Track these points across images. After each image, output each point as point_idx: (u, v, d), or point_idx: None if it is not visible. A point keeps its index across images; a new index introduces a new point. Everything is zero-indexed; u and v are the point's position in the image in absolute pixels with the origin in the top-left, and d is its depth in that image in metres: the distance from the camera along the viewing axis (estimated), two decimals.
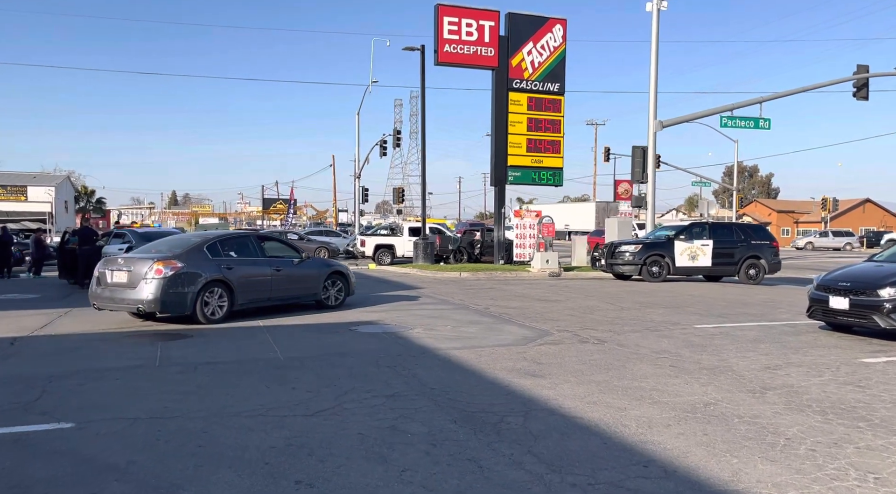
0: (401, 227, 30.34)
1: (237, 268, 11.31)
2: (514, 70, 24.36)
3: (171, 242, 12.16)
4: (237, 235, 12.89)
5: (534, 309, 12.72)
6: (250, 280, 11.49)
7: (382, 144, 42.44)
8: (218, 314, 10.93)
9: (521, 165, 24.53)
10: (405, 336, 9.67)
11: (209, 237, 11.78)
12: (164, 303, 10.35)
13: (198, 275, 10.69)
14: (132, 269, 10.59)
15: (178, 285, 10.46)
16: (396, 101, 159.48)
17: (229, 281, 11.08)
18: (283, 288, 12.14)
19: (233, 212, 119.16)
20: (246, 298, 11.42)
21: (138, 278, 10.42)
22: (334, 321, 11.26)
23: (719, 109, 24.04)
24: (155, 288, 10.28)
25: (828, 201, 56.78)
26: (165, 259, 10.61)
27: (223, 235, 12.41)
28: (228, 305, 11.11)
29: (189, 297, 10.55)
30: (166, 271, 10.40)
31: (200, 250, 11.12)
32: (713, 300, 14.29)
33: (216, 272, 10.95)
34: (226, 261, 11.25)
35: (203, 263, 10.94)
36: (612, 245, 19.60)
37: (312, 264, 13.03)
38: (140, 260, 10.77)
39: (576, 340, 9.30)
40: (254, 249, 12.02)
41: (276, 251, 12.72)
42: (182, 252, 10.95)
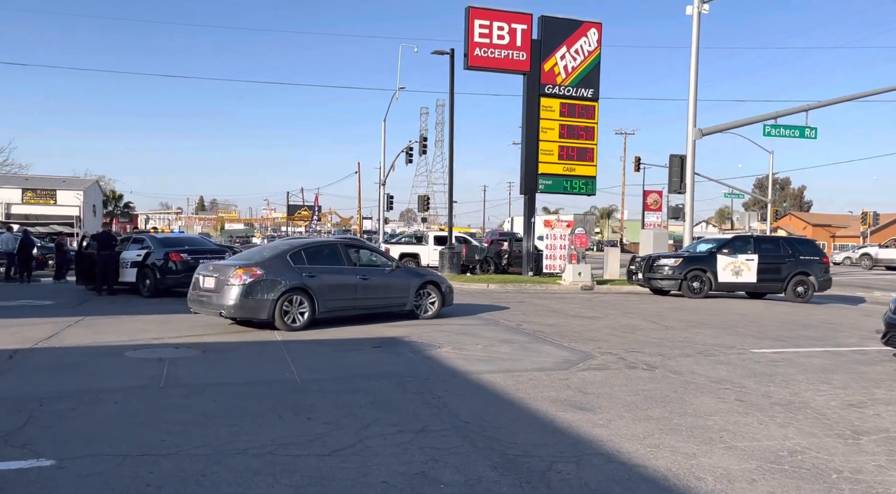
0: (426, 235, 29.63)
1: (320, 276, 11.24)
2: (547, 75, 23.52)
3: (260, 249, 12.67)
4: (324, 243, 13.03)
5: (570, 327, 11.83)
6: (333, 289, 11.38)
7: (408, 152, 41.82)
8: (299, 321, 10.90)
9: (552, 174, 23.63)
10: (433, 356, 8.86)
11: (295, 245, 11.93)
12: (242, 309, 10.59)
13: (277, 282, 10.75)
14: (219, 275, 10.91)
15: (257, 292, 10.60)
16: (422, 109, 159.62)
17: (310, 289, 11.01)
18: (370, 297, 11.98)
19: (258, 218, 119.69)
20: (328, 306, 11.29)
21: (222, 283, 10.71)
22: (357, 336, 10.50)
23: (762, 117, 22.93)
24: (235, 294, 10.51)
25: (868, 214, 54.78)
26: (246, 266, 10.84)
27: (309, 243, 12.58)
28: (310, 313, 11.01)
29: (268, 304, 10.64)
30: (246, 278, 10.58)
31: (283, 257, 11.25)
32: (765, 320, 13.25)
33: (296, 280, 10.93)
34: (308, 269, 11.23)
35: (284, 270, 10.99)
36: (650, 258, 18.60)
37: (404, 273, 12.81)
38: (226, 267, 11.10)
39: (622, 365, 8.40)
40: (340, 257, 11.96)
41: (366, 260, 12.66)
42: (264, 260, 11.18)
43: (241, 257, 12.21)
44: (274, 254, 11.45)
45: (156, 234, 19.28)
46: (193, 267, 16.20)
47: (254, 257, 11.61)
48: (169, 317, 12.32)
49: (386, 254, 14.07)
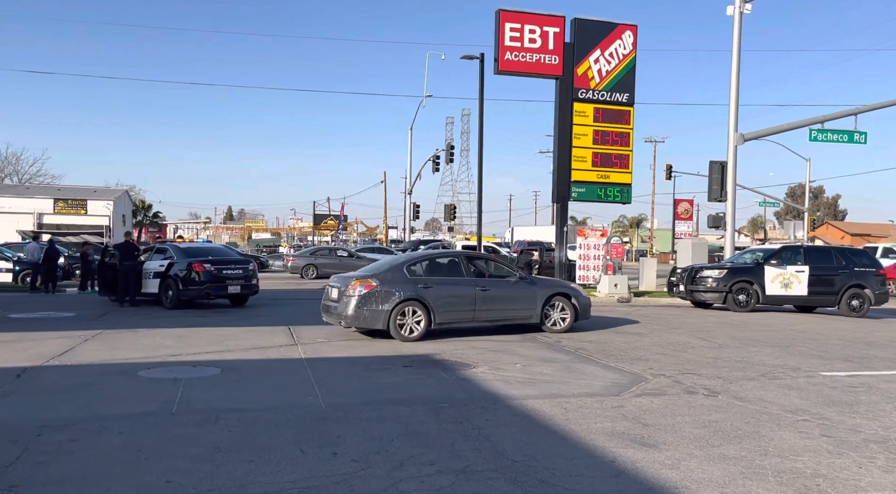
0: (453, 245, 28.94)
1: (436, 288, 11.29)
2: (580, 79, 22.72)
3: (382, 261, 13.14)
4: (443, 254, 13.03)
5: (614, 344, 11.00)
6: (450, 300, 11.35)
7: (435, 160, 41.27)
8: (415, 331, 11.01)
9: (585, 181, 22.76)
10: (468, 377, 8.13)
11: (413, 257, 12.20)
12: (358, 319, 10.92)
13: (391, 294, 10.94)
14: (340, 286, 11.29)
15: (372, 303, 10.87)
16: (448, 119, 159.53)
17: (425, 300, 11.09)
18: (491, 309, 11.79)
19: (285, 227, 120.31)
20: (445, 318, 11.30)
21: (342, 294, 11.13)
22: (385, 353, 9.81)
23: (809, 122, 21.84)
24: (352, 305, 10.86)
25: None
26: (363, 278, 11.18)
27: (428, 254, 12.68)
28: (425, 324, 11.08)
29: (382, 315, 10.86)
30: (361, 289, 10.90)
31: (400, 269, 11.45)
32: (825, 338, 12.26)
33: (411, 292, 11.05)
34: (424, 280, 11.35)
35: (399, 282, 11.15)
36: (692, 270, 17.64)
37: (529, 284, 12.45)
38: (347, 278, 11.48)
39: (680, 389, 7.58)
40: (459, 268, 11.98)
41: (491, 271, 12.50)
42: (380, 272, 11.47)
43: (365, 268, 12.57)
44: (391, 266, 11.73)
45: (179, 244, 18.87)
46: (217, 278, 15.83)
47: (374, 269, 11.85)
48: (189, 331, 11.78)
49: (512, 265, 13.44)
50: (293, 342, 10.79)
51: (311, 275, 29.82)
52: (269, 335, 11.41)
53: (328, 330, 12.04)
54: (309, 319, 13.88)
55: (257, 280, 16.75)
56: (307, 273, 29.92)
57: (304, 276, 29.88)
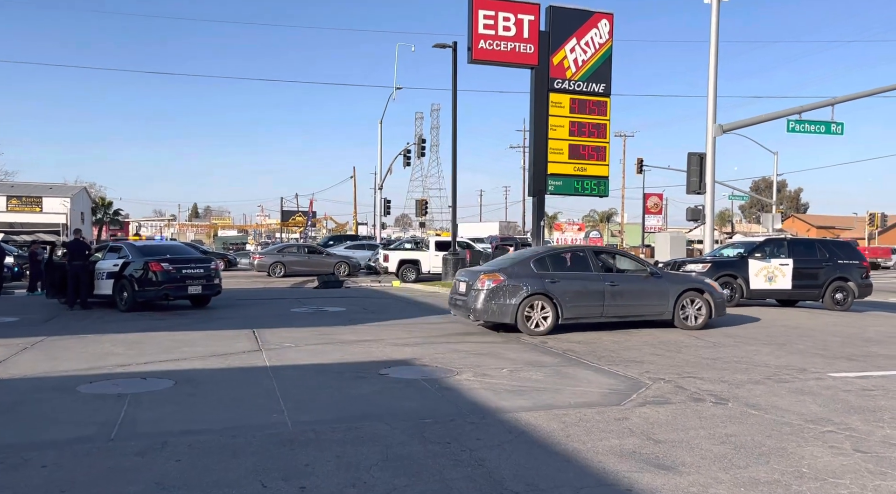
0: (426, 241, 28.14)
1: (563, 282, 11.33)
2: (556, 69, 22.07)
3: (508, 255, 13.07)
4: (571, 249, 12.96)
5: (602, 344, 10.34)
6: (577, 295, 11.35)
7: (406, 154, 40.38)
8: (542, 325, 11.11)
9: (562, 174, 22.13)
10: (452, 386, 7.36)
11: (539, 251, 12.32)
12: (487, 312, 11.14)
13: (519, 288, 11.07)
14: (469, 280, 11.63)
15: (500, 297, 11.05)
16: (417, 114, 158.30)
17: (552, 295, 11.16)
18: (620, 304, 11.66)
19: (252, 224, 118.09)
20: (572, 313, 11.32)
21: (470, 288, 11.44)
22: (360, 358, 8.99)
23: (786, 113, 21.54)
24: (481, 299, 11.12)
25: (876, 216, 53.60)
26: (490, 272, 11.41)
27: (555, 249, 12.71)
28: (553, 319, 11.17)
29: (510, 309, 11.02)
30: (489, 284, 11.13)
31: (527, 263, 11.54)
32: (820, 334, 11.78)
33: (538, 286, 11.14)
34: (551, 275, 11.37)
35: (526, 276, 11.25)
36: (674, 264, 17.12)
37: (661, 280, 12.21)
38: (475, 272, 11.78)
39: (685, 396, 6.91)
40: (587, 263, 11.86)
41: (620, 265, 12.46)
42: (507, 266, 11.63)
43: (491, 263, 12.71)
44: (518, 260, 11.84)
45: (135, 242, 17.72)
46: (176, 278, 14.78)
47: (500, 264, 12.05)
48: (143, 336, 10.79)
49: (641, 260, 13.25)
50: (257, 347, 9.90)
51: (279, 273, 28.76)
52: (232, 340, 10.50)
53: (296, 333, 11.17)
54: (276, 321, 12.99)
55: (220, 280, 15.76)
56: (275, 271, 28.85)
57: (271, 274, 28.81)
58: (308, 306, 15.88)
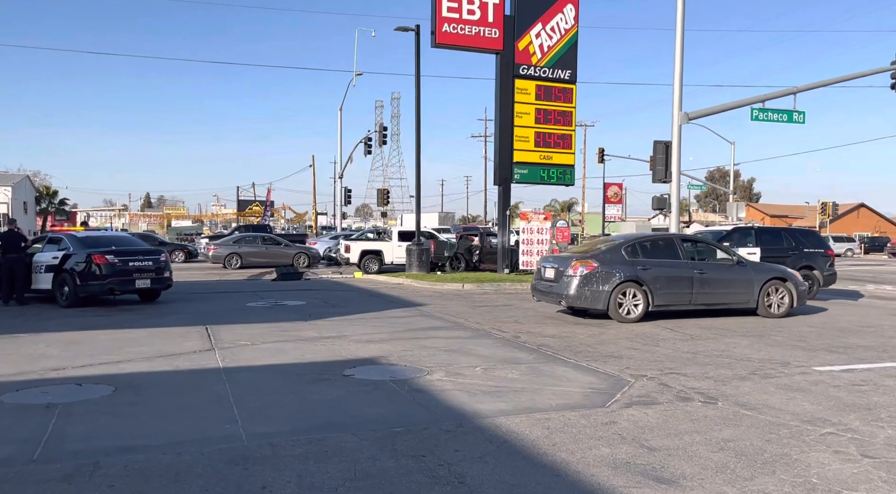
0: (389, 231, 27.44)
1: (654, 269, 11.44)
2: (521, 54, 21.62)
3: (594, 242, 12.93)
4: (659, 236, 12.91)
5: (577, 338, 9.91)
6: (668, 282, 11.46)
7: (367, 142, 39.51)
8: (633, 313, 11.26)
9: (528, 162, 21.76)
10: (424, 387, 6.80)
11: (629, 238, 12.26)
12: (579, 298, 11.29)
13: (612, 274, 11.19)
14: (558, 266, 11.75)
15: (593, 284, 11.21)
16: (377, 102, 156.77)
17: (644, 282, 11.29)
18: (708, 292, 11.78)
19: (208, 214, 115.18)
20: (663, 300, 11.44)
21: (561, 274, 11.54)
22: (321, 358, 8.35)
23: (750, 101, 21.45)
24: (573, 285, 11.28)
25: (827, 205, 54.92)
26: (583, 259, 11.51)
27: (644, 236, 12.70)
28: (644, 306, 11.30)
29: (603, 295, 11.16)
30: (582, 270, 11.26)
31: (618, 250, 11.62)
32: (793, 324, 11.56)
33: (630, 273, 11.28)
34: (642, 262, 11.49)
35: (618, 263, 11.36)
36: None
37: (746, 268, 12.34)
38: (565, 259, 11.90)
39: (671, 395, 6.50)
40: (676, 250, 11.93)
41: (704, 254, 12.47)
42: (599, 252, 11.66)
43: (577, 250, 12.55)
44: (609, 247, 11.79)
45: (77, 233, 16.61)
46: (122, 271, 13.83)
47: (590, 250, 12.05)
48: (83, 335, 9.94)
49: (726, 248, 13.20)
50: (210, 346, 9.17)
51: (235, 265, 27.72)
52: (182, 338, 9.74)
53: (252, 330, 10.46)
54: (230, 316, 12.23)
55: (170, 273, 14.85)
56: (230, 263, 27.79)
57: (227, 266, 27.74)
58: (265, 300, 15.12)
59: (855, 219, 72.73)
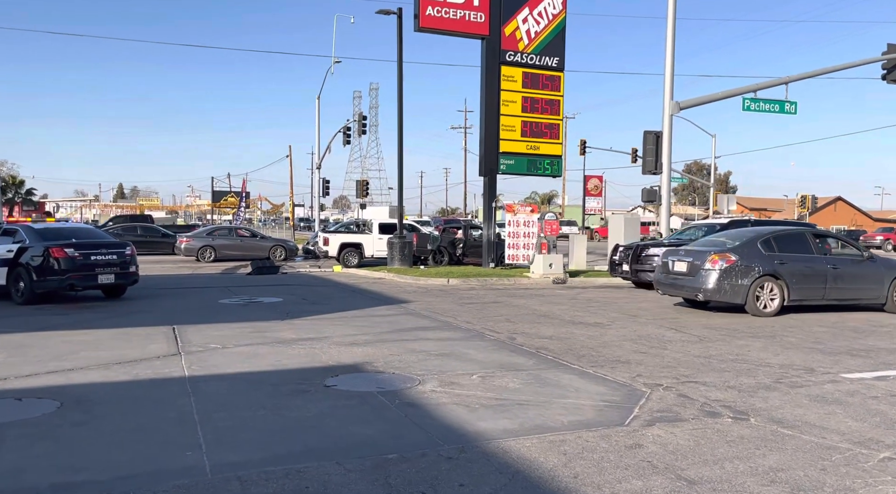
0: (370, 223, 26.54)
1: (790, 264, 11.42)
2: (508, 40, 20.81)
3: (728, 235, 12.73)
4: (791, 231, 12.78)
5: (578, 340, 9.19)
6: (804, 277, 11.45)
7: (346, 131, 38.45)
8: (770, 307, 11.25)
9: (515, 152, 21.00)
10: (416, 400, 6.02)
11: (763, 232, 12.19)
12: (719, 292, 11.24)
13: (751, 268, 11.21)
14: (692, 260, 11.69)
15: (733, 277, 11.19)
16: (356, 93, 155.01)
17: (781, 276, 11.29)
18: (840, 287, 11.78)
19: (182, 205, 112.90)
20: (798, 294, 11.45)
21: (697, 268, 11.51)
22: (299, 364, 7.52)
23: (742, 90, 20.92)
24: (713, 278, 11.24)
25: (807, 198, 55.02)
26: (721, 253, 11.43)
27: (778, 230, 12.53)
28: (780, 300, 11.31)
29: (742, 289, 11.16)
30: (721, 264, 11.23)
31: (753, 244, 11.59)
32: (802, 323, 10.97)
33: (769, 267, 11.29)
34: (778, 256, 11.48)
35: (756, 257, 11.37)
36: (637, 248, 16.23)
37: (876, 264, 12.29)
38: (700, 252, 11.74)
39: (695, 410, 5.79)
40: (808, 245, 11.89)
41: (837, 248, 12.46)
42: (736, 246, 11.60)
43: (711, 243, 12.39)
44: (745, 240, 11.74)
45: (34, 225, 15.49)
46: (83, 265, 12.80)
47: (727, 243, 11.89)
48: (34, 338, 8.99)
49: (857, 243, 13.16)
50: (176, 350, 8.30)
51: (209, 258, 26.65)
52: (145, 341, 8.84)
53: (224, 331, 9.57)
54: (201, 315, 11.34)
55: (137, 267, 13.85)
56: (204, 256, 26.72)
57: (200, 259, 26.66)
58: (240, 297, 14.20)
59: (832, 212, 73.31)
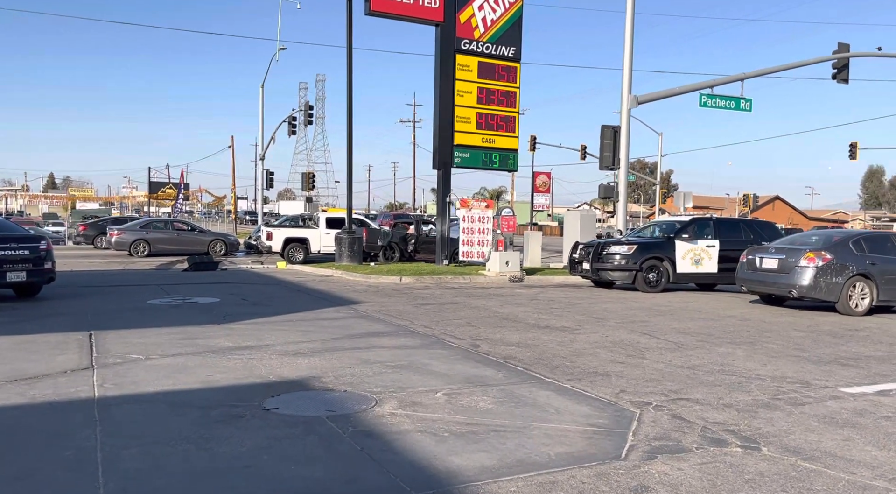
0: (316, 217, 25.31)
1: (880, 265, 11.82)
2: (463, 28, 19.97)
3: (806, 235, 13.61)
4: (877, 234, 13.26)
5: (547, 348, 8.40)
6: (891, 278, 11.83)
7: (292, 121, 36.93)
8: (860, 307, 11.61)
9: (469, 145, 20.19)
10: (373, 428, 5.08)
11: (851, 234, 12.73)
12: (814, 290, 11.51)
13: (846, 267, 11.53)
14: (785, 257, 11.96)
15: (828, 276, 11.43)
16: (301, 84, 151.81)
17: (871, 276, 11.63)
18: None
19: (118, 196, 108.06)
20: (886, 295, 11.85)
21: (791, 265, 11.76)
22: (235, 380, 6.47)
23: (699, 86, 20.71)
24: (808, 275, 11.48)
25: (749, 197, 56.36)
26: (816, 250, 11.72)
27: (865, 232, 13.02)
28: (869, 300, 11.65)
29: (837, 288, 11.45)
30: (818, 261, 11.50)
31: (846, 243, 11.95)
32: (779, 327, 10.51)
33: (862, 267, 11.64)
34: (869, 257, 11.86)
35: (849, 257, 11.70)
36: (598, 245, 15.63)
37: None
38: (793, 250, 12.04)
39: (696, 435, 5.04)
40: (893, 247, 12.31)
41: None
42: (831, 245, 11.88)
43: (803, 242, 12.67)
44: (838, 240, 12.13)
45: None
46: None
47: (819, 243, 12.18)
48: None
49: None
50: (89, 362, 7.11)
51: (143, 253, 24.96)
52: (54, 351, 7.61)
53: (150, 337, 8.38)
54: (125, 318, 10.07)
55: (53, 263, 12.41)
56: (137, 251, 24.99)
57: (132, 253, 24.94)
58: (172, 296, 12.92)
59: (771, 211, 75.48)
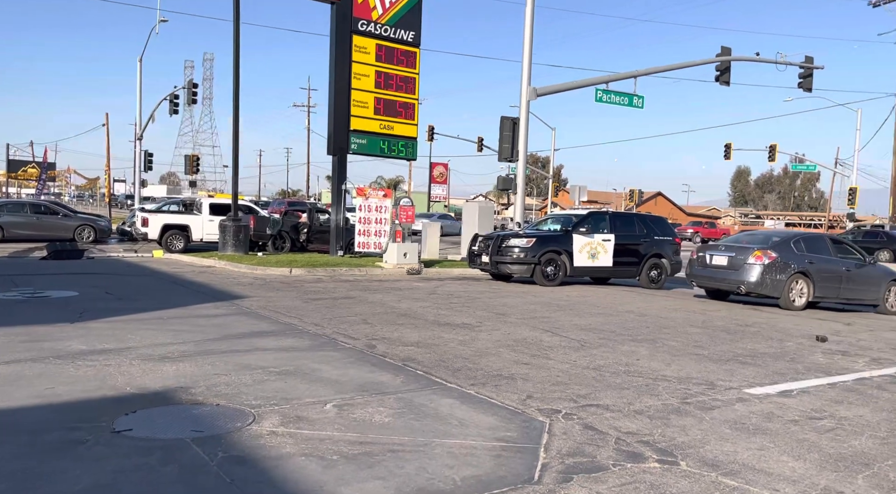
0: (198, 202, 23.52)
1: (817, 264, 12.43)
2: (360, 8, 19.06)
3: (759, 233, 14.45)
4: (813, 235, 13.95)
5: (449, 348, 7.85)
6: (826, 277, 12.40)
7: (174, 99, 34.36)
8: (798, 302, 12.21)
9: (367, 131, 19.35)
10: (248, 452, 4.29)
11: (788, 234, 13.55)
12: (761, 286, 12.24)
13: (788, 266, 12.22)
14: (734, 254, 12.72)
15: (773, 273, 12.19)
16: (187, 62, 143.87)
17: (810, 274, 12.27)
18: (850, 289, 12.72)
19: None
20: (820, 292, 12.41)
21: (740, 263, 12.53)
22: (82, 394, 5.42)
23: (596, 81, 20.94)
24: (756, 272, 12.27)
25: (635, 192, 58.89)
26: (762, 249, 12.47)
27: (803, 233, 13.71)
28: (807, 297, 12.30)
29: (780, 284, 12.15)
30: (764, 259, 12.29)
31: (787, 243, 12.62)
32: (675, 323, 10.53)
33: (802, 265, 12.28)
34: (807, 256, 12.47)
35: (791, 255, 12.36)
36: (498, 238, 15.30)
37: (875, 268, 13.32)
38: (742, 248, 12.78)
39: (611, 449, 4.63)
40: (828, 248, 12.94)
41: (847, 253, 13.35)
42: (774, 244, 12.59)
43: (746, 240, 13.38)
44: (781, 240, 12.76)
45: None
46: None
47: (760, 242, 12.92)
48: None
49: (861, 250, 13.98)
50: None
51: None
52: None
53: None
54: None
55: None
56: None
57: None
58: (21, 289, 11.30)
59: (654, 206, 79.44)
